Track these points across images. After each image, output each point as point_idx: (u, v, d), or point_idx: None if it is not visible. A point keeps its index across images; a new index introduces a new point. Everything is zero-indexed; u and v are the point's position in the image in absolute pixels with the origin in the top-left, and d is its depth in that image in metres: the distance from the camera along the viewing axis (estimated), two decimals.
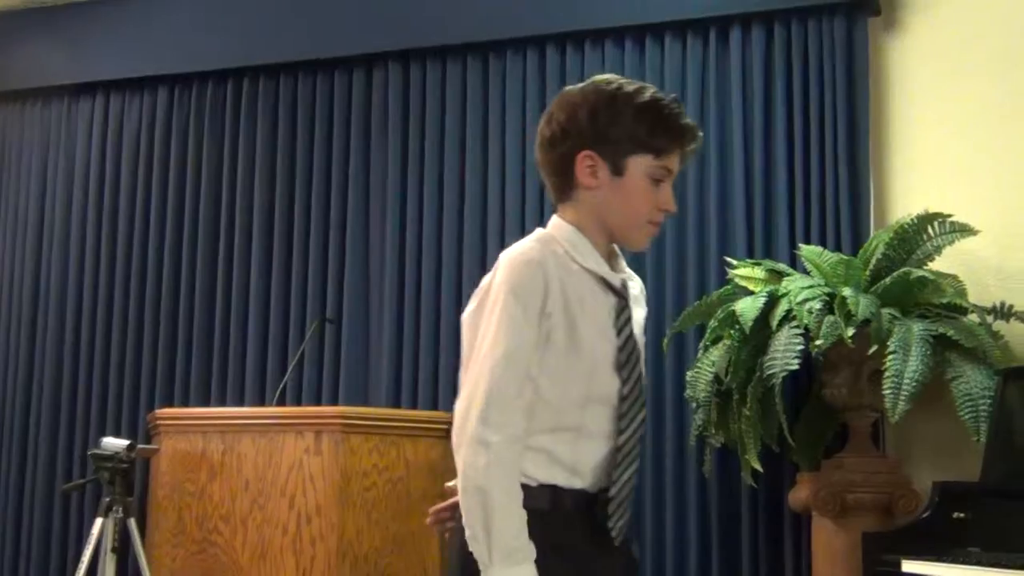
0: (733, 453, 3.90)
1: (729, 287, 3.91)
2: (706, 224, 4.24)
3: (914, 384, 3.28)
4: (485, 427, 1.90)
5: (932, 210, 3.63)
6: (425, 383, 4.34)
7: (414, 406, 4.31)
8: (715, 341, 3.79)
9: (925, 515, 3.16)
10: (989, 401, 3.30)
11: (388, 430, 3.57)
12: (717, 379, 3.77)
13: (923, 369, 3.29)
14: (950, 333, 3.42)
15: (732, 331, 3.66)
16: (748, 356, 3.64)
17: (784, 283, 3.71)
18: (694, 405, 3.88)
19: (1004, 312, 3.65)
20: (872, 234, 3.95)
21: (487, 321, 1.96)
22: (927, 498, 3.25)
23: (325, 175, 4.66)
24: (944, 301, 3.55)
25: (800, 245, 3.94)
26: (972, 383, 3.37)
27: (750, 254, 4.13)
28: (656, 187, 2.06)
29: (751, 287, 3.80)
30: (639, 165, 2.04)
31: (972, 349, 3.43)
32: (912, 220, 3.63)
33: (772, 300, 3.61)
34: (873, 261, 3.67)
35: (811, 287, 3.59)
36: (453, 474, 1.96)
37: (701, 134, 2.11)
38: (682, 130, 2.06)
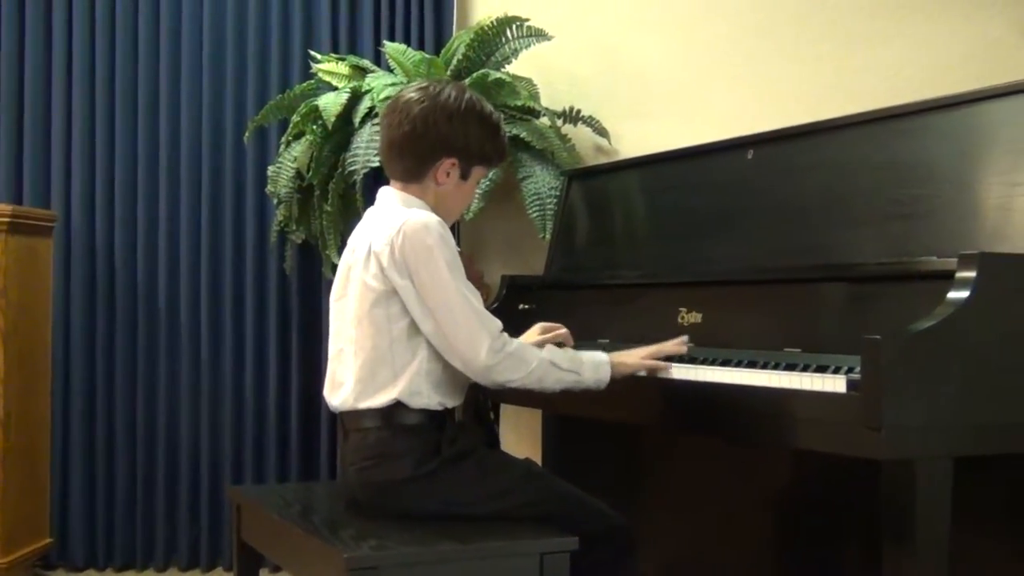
0: (314, 249, 3.93)
1: (312, 82, 3.85)
2: (290, 17, 4.13)
3: (487, 183, 3.41)
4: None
5: (511, 14, 3.72)
6: None
7: None
8: (297, 136, 3.75)
9: (495, 306, 3.34)
10: (555, 200, 3.51)
11: None
12: (299, 175, 3.75)
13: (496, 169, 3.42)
14: (523, 135, 3.57)
15: (315, 127, 3.63)
16: (330, 152, 3.64)
17: (367, 80, 3.71)
18: (275, 201, 3.85)
19: (573, 116, 3.84)
20: (454, 34, 4.01)
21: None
22: (497, 291, 3.43)
23: None
24: (519, 103, 3.68)
25: (384, 42, 3.93)
26: (541, 183, 3.55)
27: (334, 49, 4.08)
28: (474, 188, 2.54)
29: (334, 83, 3.76)
30: (478, 174, 2.48)
31: (542, 151, 3.61)
32: (492, 22, 3.71)
33: (355, 96, 3.61)
34: (454, 61, 3.73)
35: (394, 84, 3.61)
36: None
37: None
38: (506, 151, 2.57)
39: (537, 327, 2.64)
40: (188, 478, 4.08)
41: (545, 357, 2.34)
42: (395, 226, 2.29)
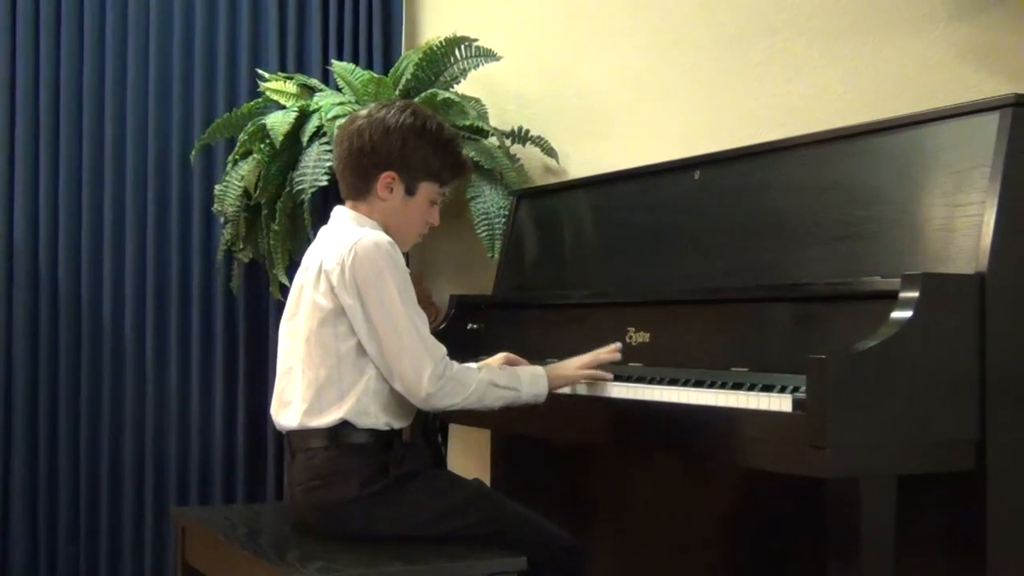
0: (262, 268, 3.90)
1: (260, 100, 3.84)
2: (238, 35, 4.11)
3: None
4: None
5: (460, 34, 3.73)
6: None
7: None
8: (244, 155, 3.73)
9: (443, 326, 3.33)
10: (503, 220, 3.51)
11: None
12: (246, 193, 3.72)
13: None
14: (472, 155, 3.57)
15: (262, 145, 3.61)
16: (278, 171, 3.62)
17: (315, 99, 3.70)
18: (222, 220, 3.83)
19: (521, 136, 3.86)
20: (403, 54, 4.01)
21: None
22: (445, 310, 3.42)
23: None
24: (467, 123, 3.69)
25: (332, 61, 3.92)
26: (489, 203, 3.56)
27: (282, 68, 4.07)
28: (431, 207, 2.49)
29: (282, 101, 3.75)
30: (427, 190, 2.45)
31: (491, 170, 3.61)
32: (441, 42, 3.71)
33: (303, 115, 3.59)
34: (403, 81, 3.73)
35: (342, 103, 3.60)
36: None
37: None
38: (465, 167, 2.57)
39: (502, 357, 2.61)
40: (132, 499, 4.02)
41: (484, 378, 2.34)
42: (347, 245, 2.29)
